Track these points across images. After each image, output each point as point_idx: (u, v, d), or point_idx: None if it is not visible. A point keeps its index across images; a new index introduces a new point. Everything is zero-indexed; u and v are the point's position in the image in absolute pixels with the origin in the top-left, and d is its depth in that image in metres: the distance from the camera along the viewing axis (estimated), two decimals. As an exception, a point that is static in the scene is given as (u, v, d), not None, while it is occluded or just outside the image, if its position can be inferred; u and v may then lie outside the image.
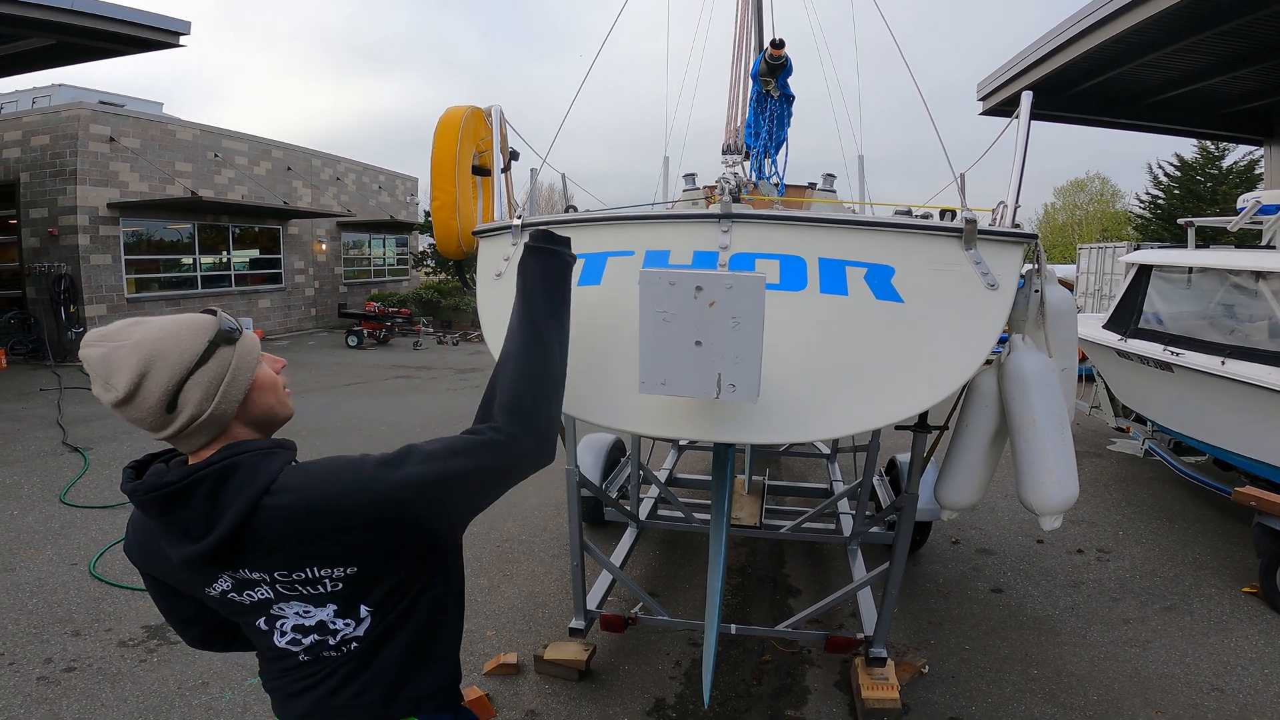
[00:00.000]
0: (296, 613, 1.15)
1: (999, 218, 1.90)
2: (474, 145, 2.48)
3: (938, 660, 3.38)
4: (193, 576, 1.15)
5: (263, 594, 1.14)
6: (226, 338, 1.13)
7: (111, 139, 13.07)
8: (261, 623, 1.18)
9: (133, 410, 1.07)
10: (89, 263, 12.77)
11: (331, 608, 1.15)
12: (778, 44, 3.44)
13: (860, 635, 3.11)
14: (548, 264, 1.41)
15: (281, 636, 1.18)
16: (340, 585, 1.12)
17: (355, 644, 1.17)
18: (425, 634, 1.22)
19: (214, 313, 1.16)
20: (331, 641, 1.17)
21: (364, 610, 1.16)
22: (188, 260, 15.27)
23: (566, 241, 1.46)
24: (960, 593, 4.09)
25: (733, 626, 3.12)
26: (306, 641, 1.17)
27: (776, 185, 3.78)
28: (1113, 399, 6.62)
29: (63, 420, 7.85)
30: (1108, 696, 3.12)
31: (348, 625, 1.16)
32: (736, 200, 1.81)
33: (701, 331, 1.36)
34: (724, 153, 2.10)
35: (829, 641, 3.11)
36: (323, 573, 1.11)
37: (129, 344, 1.06)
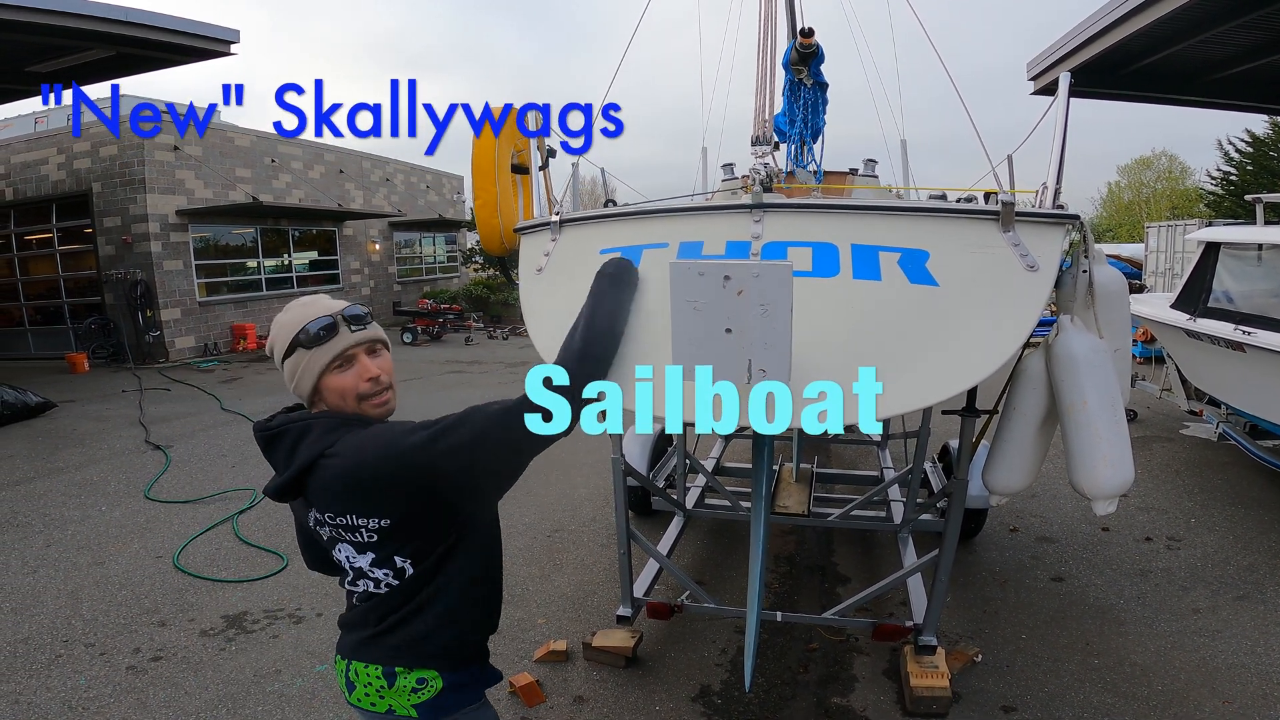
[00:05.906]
0: (347, 556, 1.37)
1: (1040, 199, 1.85)
2: (512, 145, 2.55)
3: (992, 649, 3.32)
4: (299, 508, 1.44)
5: (327, 533, 1.38)
6: (301, 343, 1.37)
7: (175, 147, 13.66)
8: (336, 556, 1.41)
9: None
10: (162, 268, 13.42)
11: (370, 556, 1.35)
12: (807, 32, 3.40)
13: (909, 623, 3.08)
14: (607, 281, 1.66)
15: (345, 575, 1.42)
16: (375, 536, 1.32)
17: (392, 593, 1.36)
18: (455, 603, 1.39)
19: (333, 315, 1.41)
20: (372, 588, 1.38)
21: (399, 561, 1.34)
22: (252, 263, 15.92)
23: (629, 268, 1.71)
24: (1018, 581, 4.00)
25: (779, 614, 3.12)
26: (358, 583, 1.39)
27: (815, 172, 3.74)
28: (1184, 381, 6.33)
29: (144, 420, 8.31)
30: (1172, 687, 3.02)
31: (385, 574, 1.35)
32: (768, 190, 1.82)
33: (732, 319, 1.38)
34: (753, 144, 2.10)
35: (877, 629, 3.09)
36: (360, 521, 1.31)
37: (276, 321, 1.43)
